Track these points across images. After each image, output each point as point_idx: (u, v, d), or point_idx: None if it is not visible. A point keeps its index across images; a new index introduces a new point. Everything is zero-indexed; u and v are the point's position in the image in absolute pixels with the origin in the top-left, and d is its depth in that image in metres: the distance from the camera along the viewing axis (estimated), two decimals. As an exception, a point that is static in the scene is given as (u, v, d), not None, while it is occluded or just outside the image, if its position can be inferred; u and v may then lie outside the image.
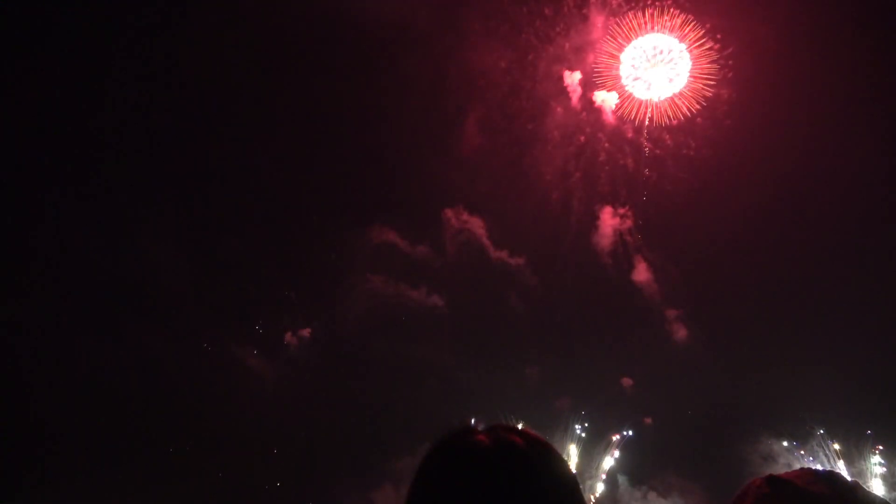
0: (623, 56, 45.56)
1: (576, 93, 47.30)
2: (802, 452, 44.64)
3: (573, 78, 47.02)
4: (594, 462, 46.91)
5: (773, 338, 46.84)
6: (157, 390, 44.61)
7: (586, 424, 46.97)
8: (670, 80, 45.40)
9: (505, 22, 46.54)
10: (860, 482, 2.60)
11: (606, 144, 47.82)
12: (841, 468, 43.39)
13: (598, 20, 45.61)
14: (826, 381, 43.32)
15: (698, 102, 45.09)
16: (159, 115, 46.94)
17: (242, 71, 47.39)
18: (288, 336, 49.66)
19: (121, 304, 46.05)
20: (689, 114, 45.46)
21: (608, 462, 46.69)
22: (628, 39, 45.24)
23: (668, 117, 45.84)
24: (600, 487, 46.28)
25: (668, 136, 46.41)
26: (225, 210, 50.04)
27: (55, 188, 44.47)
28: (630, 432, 46.97)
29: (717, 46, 43.65)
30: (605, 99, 46.87)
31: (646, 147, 46.73)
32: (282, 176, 50.62)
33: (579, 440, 46.82)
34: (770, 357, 45.95)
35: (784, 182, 45.73)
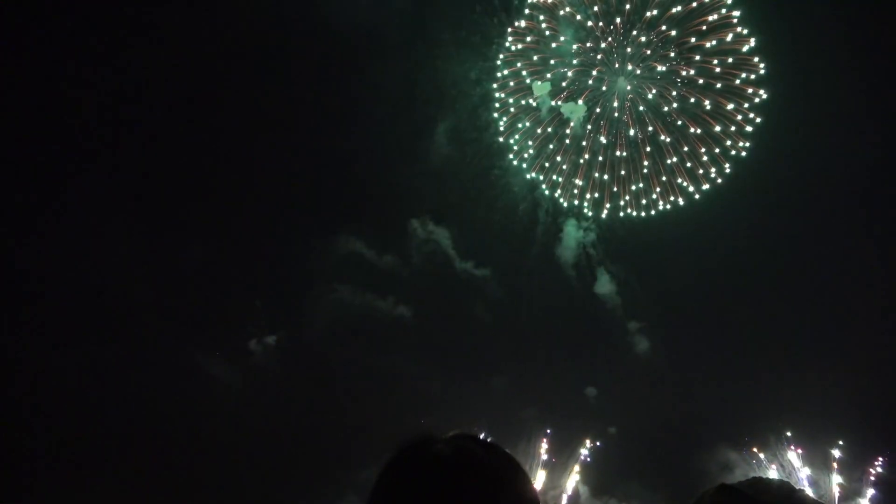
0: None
1: (544, 105, 47.80)
2: (762, 456, 45.50)
3: (542, 90, 47.52)
4: (558, 473, 47.13)
5: (734, 350, 47.92)
6: (118, 398, 43.69)
7: (549, 431, 47.25)
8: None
9: (475, 33, 46.97)
10: (806, 489, 2.73)
11: (573, 156, 48.40)
12: (802, 476, 44.42)
13: (566, 32, 46.24)
14: (786, 390, 44.52)
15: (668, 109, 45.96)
16: (123, 121, 46.24)
17: (211, 79, 47.00)
18: (253, 344, 49.09)
19: (83, 313, 45.03)
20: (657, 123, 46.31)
21: (573, 475, 46.96)
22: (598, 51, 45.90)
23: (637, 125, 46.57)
24: (564, 499, 46.48)
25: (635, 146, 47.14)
26: (190, 217, 49.38)
27: (16, 194, 43.43)
28: (593, 444, 47.33)
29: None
30: (574, 110, 47.45)
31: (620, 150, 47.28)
32: (248, 183, 50.15)
33: (544, 451, 47.02)
34: (731, 368, 46.99)
35: (746, 196, 46.86)
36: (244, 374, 48.98)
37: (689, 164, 46.56)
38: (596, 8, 44.81)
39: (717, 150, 46.09)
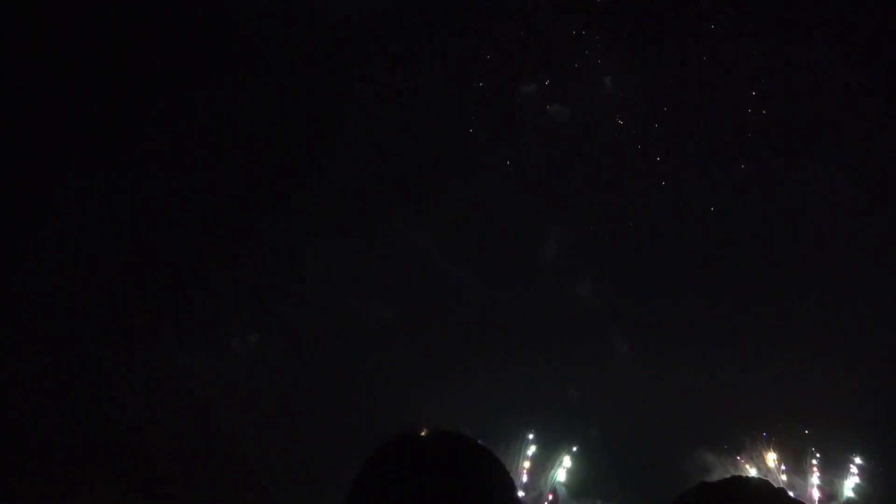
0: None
1: (534, 104, 47.96)
2: (740, 458, 46.06)
3: (531, 89, 47.65)
4: (541, 476, 47.38)
5: (715, 353, 48.41)
6: (96, 395, 43.27)
7: (531, 436, 47.48)
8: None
9: (464, 31, 46.95)
10: (786, 489, 2.75)
11: (560, 158, 48.61)
12: (780, 476, 45.05)
13: (557, 33, 46.45)
14: (765, 392, 45.11)
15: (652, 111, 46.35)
16: (105, 116, 45.74)
17: (195, 69, 46.63)
18: (235, 342, 48.82)
19: (60, 309, 44.46)
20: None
21: (558, 475, 47.23)
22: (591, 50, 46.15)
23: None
24: (548, 497, 46.72)
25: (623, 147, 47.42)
26: (172, 214, 48.97)
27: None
28: (574, 446, 47.62)
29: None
30: (561, 111, 47.67)
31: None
32: (230, 181, 49.84)
33: (529, 452, 47.26)
34: (711, 371, 47.45)
35: (727, 200, 47.37)
36: (226, 373, 48.72)
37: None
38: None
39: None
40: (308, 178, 50.48)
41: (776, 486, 2.63)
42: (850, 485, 44.48)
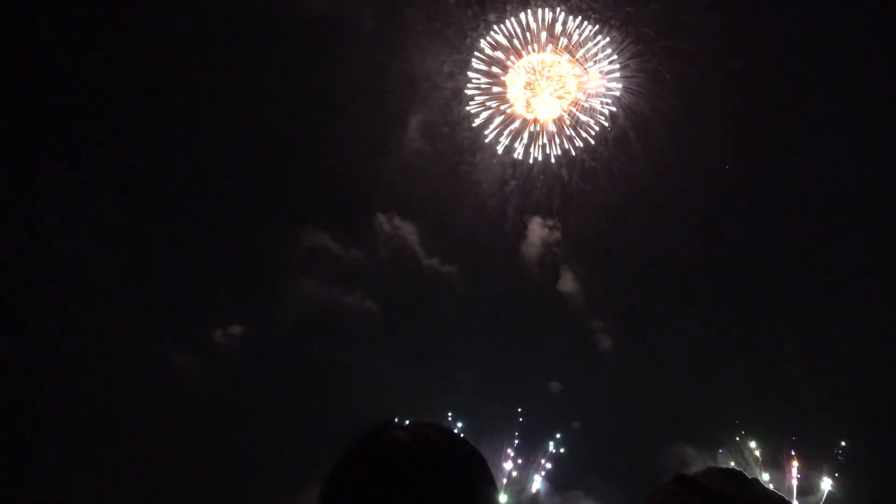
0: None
1: (518, 101, 47.89)
2: (722, 450, 46.64)
3: (514, 87, 47.56)
4: (525, 469, 47.72)
5: (694, 348, 49.00)
6: (76, 387, 42.99)
7: (516, 431, 47.82)
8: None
9: (450, 26, 46.80)
10: (761, 480, 2.82)
11: (540, 155, 48.65)
12: (759, 469, 45.67)
13: (544, 28, 46.39)
14: (745, 387, 45.72)
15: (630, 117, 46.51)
16: (84, 110, 45.32)
17: (176, 64, 46.22)
18: (217, 334, 48.58)
19: (42, 301, 44.06)
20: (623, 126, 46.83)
21: (537, 468, 47.62)
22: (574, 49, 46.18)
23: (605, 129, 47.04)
24: (537, 486, 47.10)
25: (602, 149, 47.57)
26: (155, 206, 48.69)
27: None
28: (555, 444, 48.00)
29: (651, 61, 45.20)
30: (543, 106, 47.60)
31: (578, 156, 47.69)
32: (213, 172, 49.56)
33: (512, 446, 47.60)
34: (691, 366, 48.01)
35: (707, 197, 47.74)
36: (208, 365, 48.56)
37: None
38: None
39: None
40: (291, 172, 50.45)
41: (750, 476, 2.69)
42: (828, 478, 45.09)
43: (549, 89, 47.24)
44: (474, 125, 47.79)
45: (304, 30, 46.90)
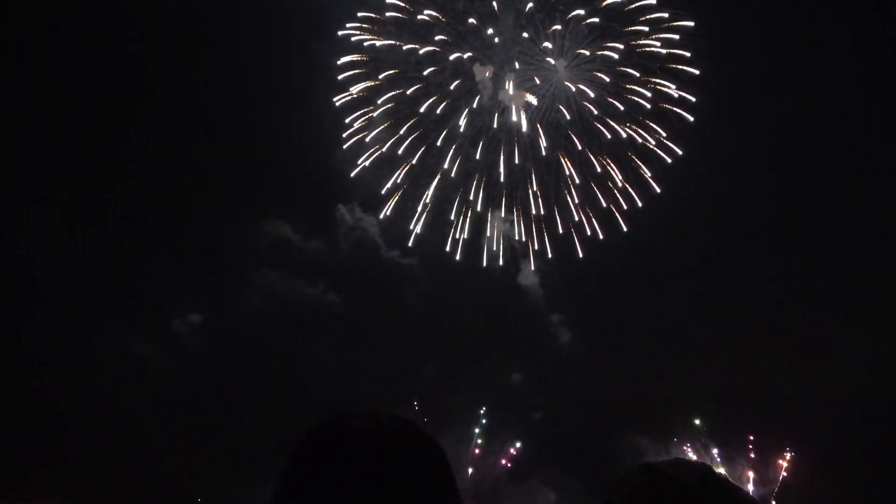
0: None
1: (485, 90, 47.86)
2: (676, 439, 47.64)
3: (483, 75, 47.47)
4: (486, 459, 48.20)
5: (652, 342, 49.89)
6: (34, 377, 42.18)
7: (481, 421, 48.27)
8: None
9: (415, 16, 46.54)
10: (728, 476, 2.74)
11: (507, 146, 48.75)
12: (717, 461, 46.80)
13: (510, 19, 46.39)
14: (704, 383, 46.71)
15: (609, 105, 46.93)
16: (43, 100, 44.48)
17: (136, 56, 45.62)
18: (177, 323, 47.84)
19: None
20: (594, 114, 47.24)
21: (502, 459, 48.13)
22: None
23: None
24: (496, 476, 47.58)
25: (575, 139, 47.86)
26: (114, 195, 47.97)
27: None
28: (517, 431, 48.56)
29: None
30: (513, 98, 47.73)
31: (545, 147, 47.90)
32: (173, 162, 49.03)
33: (476, 437, 48.02)
34: (648, 359, 48.88)
35: (666, 193, 48.40)
36: (167, 353, 47.93)
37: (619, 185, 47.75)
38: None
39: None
40: (253, 162, 50.01)
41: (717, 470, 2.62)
42: (784, 470, 46.24)
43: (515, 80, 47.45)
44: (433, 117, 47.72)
45: (260, 21, 46.47)
